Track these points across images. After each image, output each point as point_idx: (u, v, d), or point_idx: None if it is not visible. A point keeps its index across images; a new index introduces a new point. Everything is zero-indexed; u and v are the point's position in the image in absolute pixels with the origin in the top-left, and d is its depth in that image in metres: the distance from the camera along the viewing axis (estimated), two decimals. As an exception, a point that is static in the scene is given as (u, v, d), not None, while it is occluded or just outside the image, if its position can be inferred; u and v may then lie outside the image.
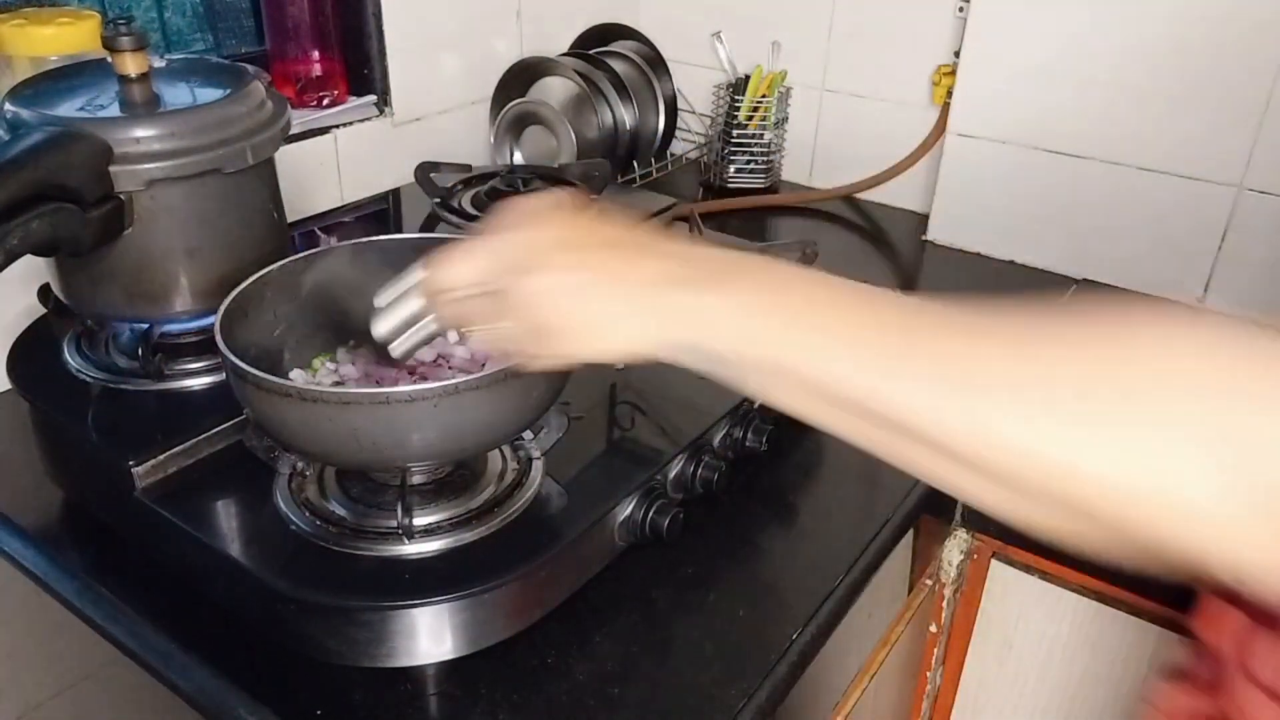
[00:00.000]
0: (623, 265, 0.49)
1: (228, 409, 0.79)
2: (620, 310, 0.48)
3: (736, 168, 1.47)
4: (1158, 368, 0.35)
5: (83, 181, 0.73)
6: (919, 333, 0.42)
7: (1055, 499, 0.38)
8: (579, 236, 0.51)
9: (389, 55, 1.27)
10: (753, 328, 0.45)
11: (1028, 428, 0.38)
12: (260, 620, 0.72)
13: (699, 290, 0.46)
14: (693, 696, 0.69)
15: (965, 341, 0.41)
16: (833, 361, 0.43)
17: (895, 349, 0.42)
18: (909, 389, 0.41)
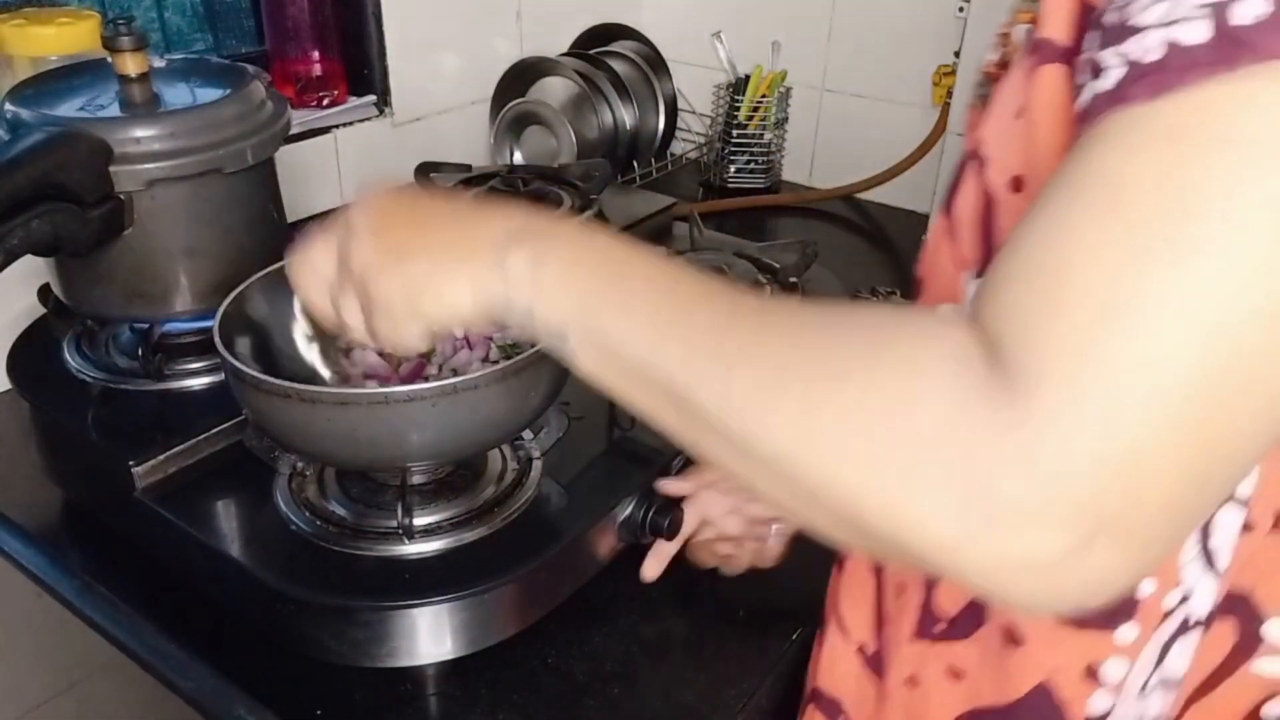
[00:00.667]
0: (439, 231, 0.50)
1: (228, 409, 0.79)
2: (441, 275, 0.49)
3: (736, 168, 1.47)
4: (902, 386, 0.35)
5: (83, 181, 0.73)
6: (706, 308, 0.42)
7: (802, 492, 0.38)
8: (397, 208, 0.52)
9: (389, 55, 1.27)
10: (556, 291, 0.45)
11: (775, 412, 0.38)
12: (260, 620, 0.72)
13: (514, 250, 0.46)
14: (692, 696, 0.69)
15: (750, 323, 0.40)
16: (620, 327, 0.43)
17: (674, 317, 0.42)
18: (678, 357, 0.41)
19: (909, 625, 0.55)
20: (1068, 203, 0.34)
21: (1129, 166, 0.33)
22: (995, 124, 0.48)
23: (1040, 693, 0.49)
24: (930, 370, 0.35)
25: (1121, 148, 0.33)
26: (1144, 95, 0.32)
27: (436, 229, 0.50)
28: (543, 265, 0.46)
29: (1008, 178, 0.46)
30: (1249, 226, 0.30)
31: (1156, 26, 0.32)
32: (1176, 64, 0.32)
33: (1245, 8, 0.30)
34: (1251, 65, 0.30)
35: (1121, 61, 0.33)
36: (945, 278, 0.51)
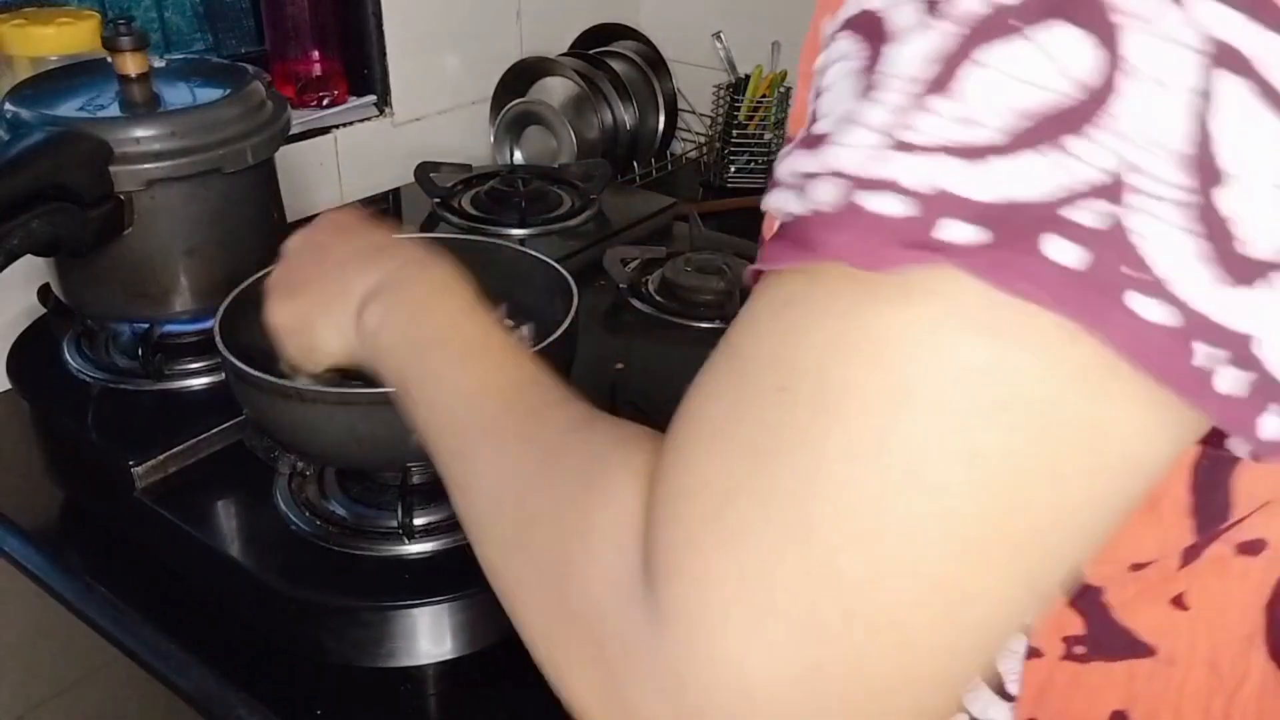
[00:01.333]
0: (329, 274, 0.53)
1: (228, 409, 0.79)
2: (314, 320, 0.52)
3: (736, 168, 1.47)
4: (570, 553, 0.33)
5: (83, 181, 0.73)
6: (478, 410, 0.42)
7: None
8: (308, 244, 0.56)
9: (389, 55, 1.26)
10: (385, 359, 0.48)
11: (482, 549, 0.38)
12: (260, 620, 0.72)
13: (370, 306, 0.49)
14: (693, 696, 0.69)
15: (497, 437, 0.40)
16: (419, 405, 0.44)
17: (448, 417, 0.42)
18: (444, 455, 0.42)
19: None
20: (708, 368, 0.31)
21: (747, 341, 0.30)
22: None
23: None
24: (595, 541, 0.32)
25: (749, 318, 0.30)
26: (762, 259, 0.30)
27: (328, 272, 0.53)
28: (383, 326, 0.48)
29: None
30: (837, 417, 0.27)
31: (782, 184, 0.29)
32: (782, 235, 0.29)
33: (821, 191, 0.27)
34: (816, 263, 0.27)
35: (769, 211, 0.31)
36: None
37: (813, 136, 0.28)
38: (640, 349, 1.00)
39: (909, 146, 0.26)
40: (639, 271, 1.10)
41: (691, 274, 1.05)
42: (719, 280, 1.04)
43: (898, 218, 0.25)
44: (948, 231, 0.25)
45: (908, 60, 0.26)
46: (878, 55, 0.27)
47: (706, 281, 1.04)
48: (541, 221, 1.16)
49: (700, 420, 0.30)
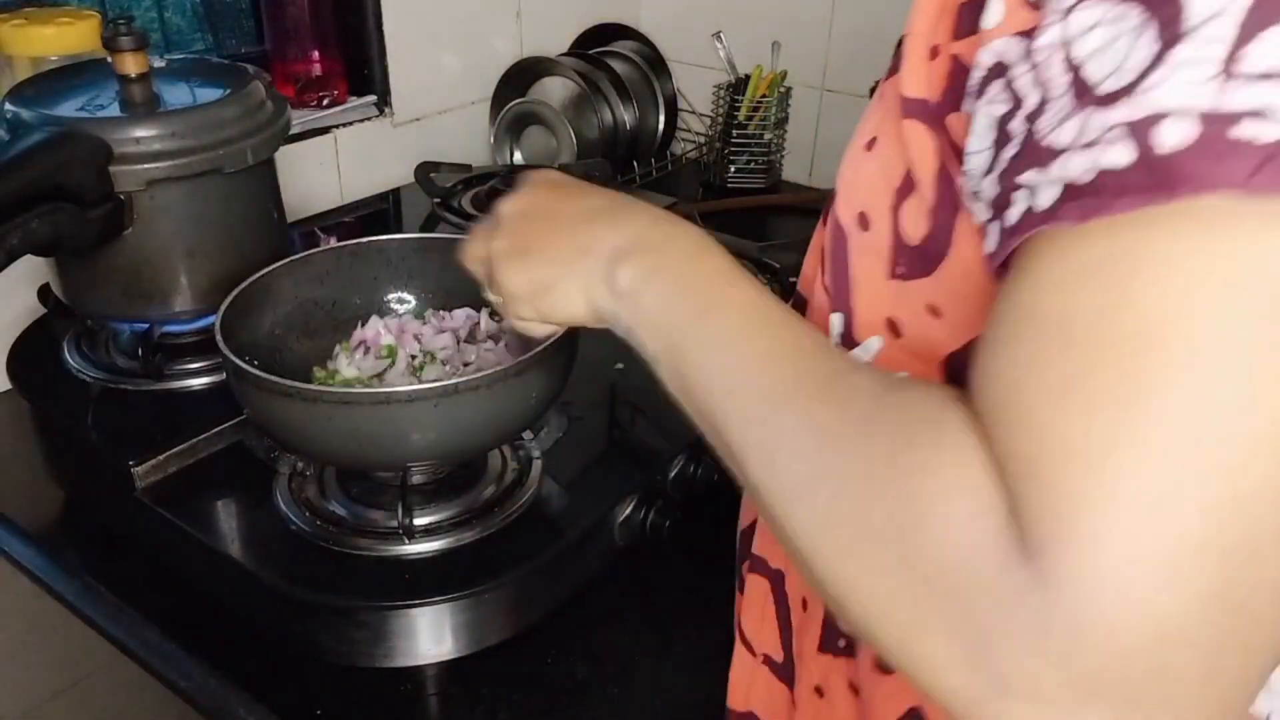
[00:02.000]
0: (566, 232, 0.51)
1: (228, 409, 0.79)
2: (556, 276, 0.51)
3: (736, 168, 1.47)
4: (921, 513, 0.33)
5: (83, 181, 0.73)
6: (773, 373, 0.41)
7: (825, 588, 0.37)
8: (537, 205, 0.54)
9: (389, 55, 1.27)
10: (652, 319, 0.46)
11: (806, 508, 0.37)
12: (260, 620, 0.72)
13: (625, 265, 0.47)
14: (693, 696, 0.69)
15: (805, 400, 0.39)
16: (697, 371, 0.43)
17: (743, 377, 0.41)
18: (737, 420, 0.41)
19: (814, 638, 0.54)
20: (1018, 340, 0.32)
21: (1067, 300, 0.31)
22: (849, 152, 0.46)
23: (910, 718, 0.48)
24: (948, 501, 0.32)
25: (1054, 280, 0.31)
26: (1075, 216, 0.30)
27: (563, 230, 0.51)
28: (646, 286, 0.46)
29: (855, 213, 0.46)
30: (1215, 347, 0.28)
31: (1076, 149, 0.30)
32: (1109, 188, 0.29)
33: (1169, 131, 0.28)
34: (1188, 198, 0.28)
35: (1055, 183, 0.31)
36: (821, 307, 0.50)
37: (1108, 95, 0.29)
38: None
39: (1254, 76, 0.27)
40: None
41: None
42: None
43: (1273, 141, 0.27)
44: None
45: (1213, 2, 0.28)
46: (1169, 6, 0.28)
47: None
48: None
49: (1032, 388, 0.31)
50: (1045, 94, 0.32)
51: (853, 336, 0.47)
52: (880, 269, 0.45)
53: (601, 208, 0.51)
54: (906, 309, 0.44)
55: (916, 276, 0.43)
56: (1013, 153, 0.34)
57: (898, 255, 0.44)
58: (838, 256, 0.47)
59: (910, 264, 0.43)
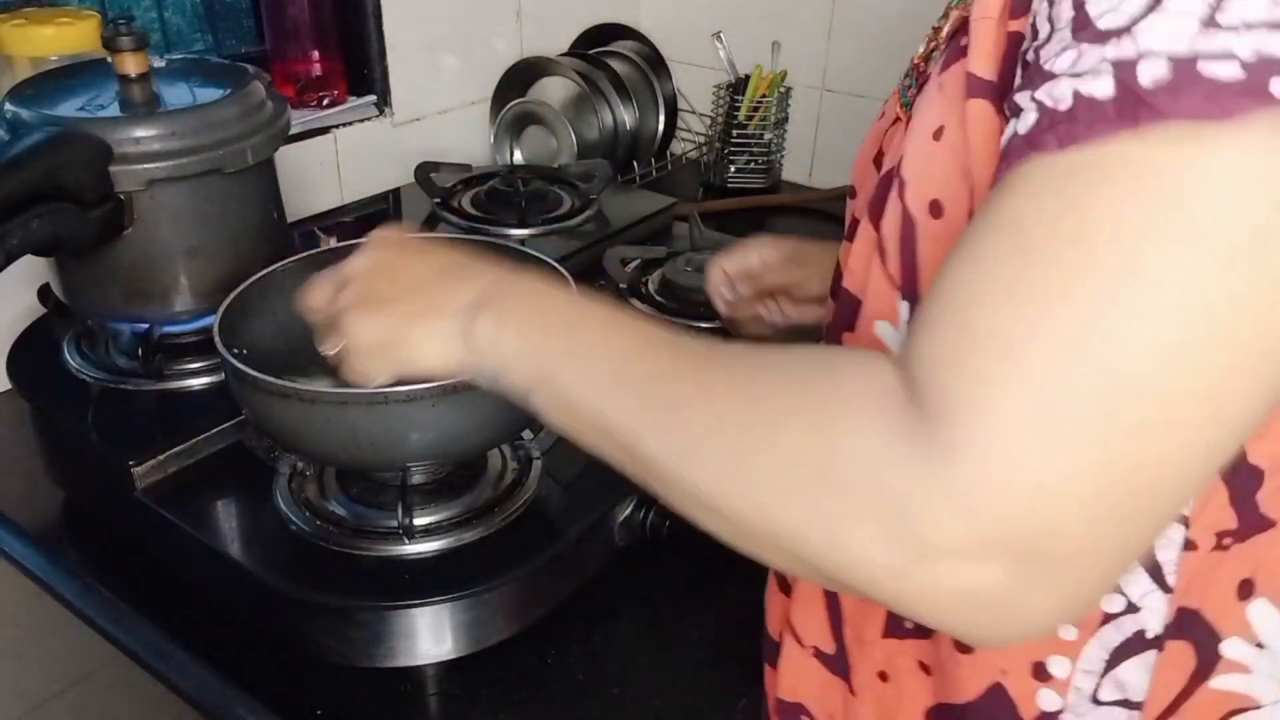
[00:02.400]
0: (416, 290, 0.54)
1: (228, 409, 0.79)
2: (410, 334, 0.54)
3: (736, 168, 1.47)
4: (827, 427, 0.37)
5: (83, 181, 0.73)
6: (651, 359, 0.44)
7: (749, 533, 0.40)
8: (385, 264, 0.57)
9: (389, 55, 1.27)
10: (516, 354, 0.49)
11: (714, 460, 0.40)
12: (260, 620, 0.72)
13: (479, 317, 0.50)
14: (693, 696, 0.69)
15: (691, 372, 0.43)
16: (575, 383, 0.46)
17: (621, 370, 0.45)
18: (626, 409, 0.44)
19: (877, 625, 0.56)
20: (979, 247, 0.36)
21: (1029, 210, 0.34)
22: (913, 143, 0.48)
23: (995, 692, 0.50)
24: (853, 409, 0.37)
25: (1026, 193, 0.34)
26: (1053, 145, 0.34)
27: (415, 287, 0.54)
28: (503, 330, 0.50)
29: (926, 201, 0.47)
30: (1137, 257, 0.32)
31: (1066, 75, 0.34)
32: (1084, 116, 0.33)
33: (1147, 70, 0.32)
34: (1150, 124, 0.32)
35: (1035, 106, 0.35)
36: (880, 297, 0.51)
37: (1104, 31, 0.33)
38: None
39: (1228, 27, 0.31)
40: (639, 271, 1.10)
41: (691, 274, 1.05)
42: (719, 280, 1.04)
43: (1237, 80, 0.31)
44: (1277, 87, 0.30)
45: None
46: None
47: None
48: (541, 221, 1.16)
49: (978, 286, 0.35)
50: (1053, 27, 0.35)
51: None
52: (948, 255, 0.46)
53: (448, 266, 0.55)
54: None
55: None
56: (1018, 81, 0.37)
57: None
58: (906, 245, 0.49)
59: None
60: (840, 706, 0.60)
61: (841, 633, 0.59)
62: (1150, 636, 0.46)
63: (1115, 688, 0.48)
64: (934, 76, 0.47)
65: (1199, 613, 0.45)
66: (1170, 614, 0.45)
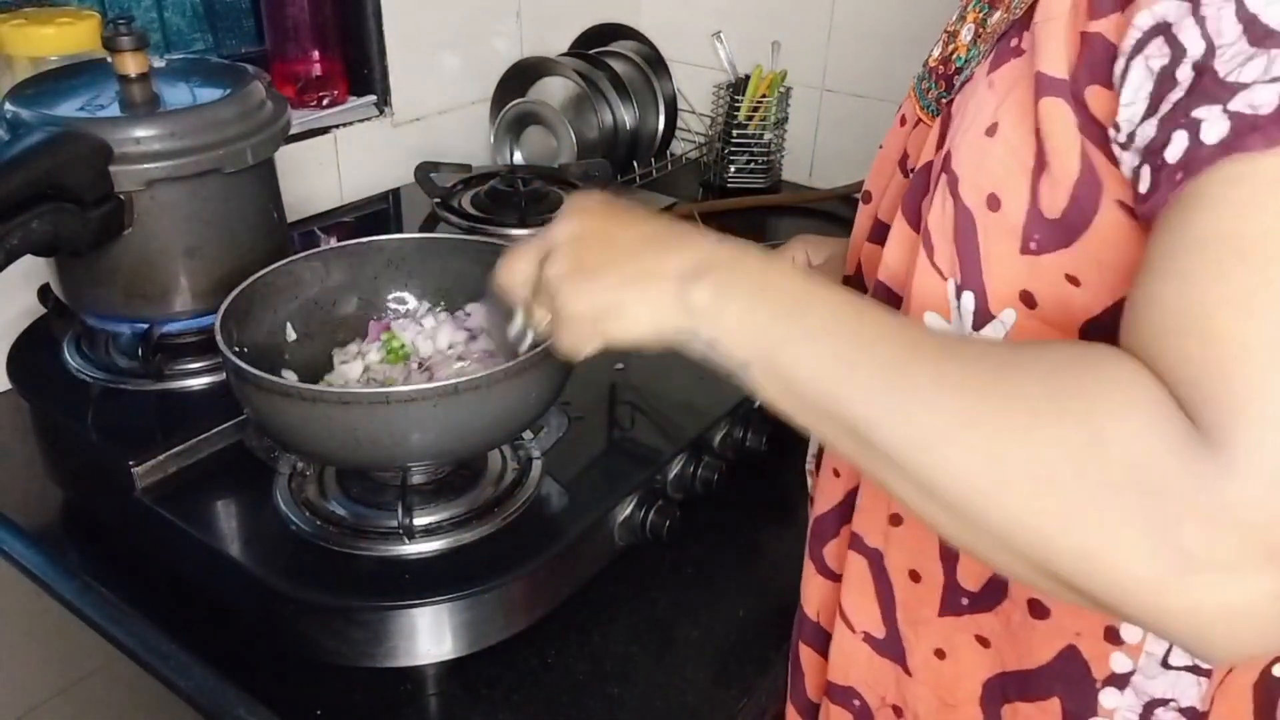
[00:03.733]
0: (628, 256, 0.51)
1: (228, 409, 0.79)
2: (624, 300, 0.50)
3: (736, 168, 1.47)
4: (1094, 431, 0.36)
5: (83, 181, 0.73)
6: (887, 345, 0.43)
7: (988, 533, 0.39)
8: (592, 230, 0.53)
9: (389, 55, 1.27)
10: (739, 326, 0.47)
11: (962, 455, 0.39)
12: (260, 620, 0.72)
13: (698, 284, 0.48)
14: (693, 696, 0.69)
15: (932, 363, 0.41)
16: (803, 363, 0.44)
17: (856, 354, 0.43)
18: (864, 396, 0.42)
19: (933, 604, 0.57)
20: (1191, 262, 0.36)
21: (1245, 221, 0.34)
22: (965, 139, 0.49)
23: (1067, 655, 0.52)
24: (1121, 416, 0.36)
25: (1234, 204, 0.35)
26: (1260, 144, 0.34)
27: (627, 252, 0.52)
28: (726, 300, 0.47)
29: (983, 196, 0.48)
30: None
31: (1261, 82, 0.34)
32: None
33: None
34: None
35: (1228, 115, 0.35)
36: (928, 290, 0.52)
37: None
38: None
39: None
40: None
41: (691, 274, 1.05)
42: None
43: None
44: None
45: None
46: None
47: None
48: (541, 221, 1.16)
49: (1212, 301, 0.35)
50: (1212, 42, 0.36)
51: (987, 310, 0.49)
52: (1013, 245, 0.47)
53: (658, 232, 0.52)
54: (1042, 280, 0.47)
55: (1053, 249, 0.46)
56: (1179, 95, 0.37)
57: (1032, 230, 0.46)
58: (966, 238, 0.49)
59: (1046, 237, 0.46)
60: (893, 688, 0.62)
61: (894, 617, 0.60)
62: None
63: (1186, 654, 0.49)
64: (980, 76, 0.48)
65: None
66: None
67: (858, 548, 0.61)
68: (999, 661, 0.55)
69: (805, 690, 0.69)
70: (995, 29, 0.50)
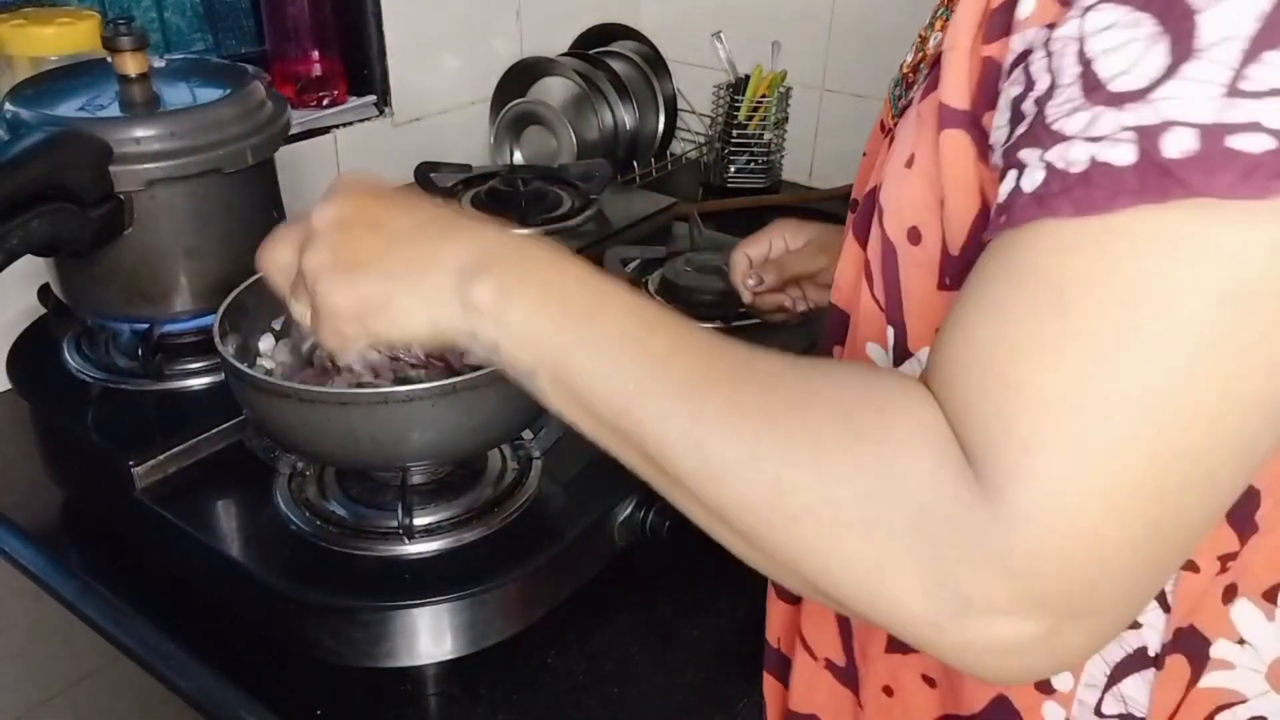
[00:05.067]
0: (398, 245, 0.47)
1: (228, 409, 0.79)
2: (392, 293, 0.46)
3: (736, 168, 1.47)
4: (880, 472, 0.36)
5: (83, 181, 0.73)
6: (682, 363, 0.41)
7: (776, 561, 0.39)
8: (359, 213, 0.48)
9: (389, 55, 1.26)
10: (522, 329, 0.44)
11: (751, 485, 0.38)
12: (260, 620, 0.72)
13: (479, 280, 0.45)
14: (693, 696, 0.69)
15: (726, 386, 0.40)
16: (591, 377, 0.42)
17: (648, 372, 0.41)
18: (654, 417, 0.40)
19: (880, 640, 0.56)
20: (1004, 300, 0.35)
21: (1065, 267, 0.33)
22: (890, 170, 0.47)
23: (999, 703, 0.50)
24: (908, 456, 0.36)
25: (1056, 249, 0.34)
26: (1068, 210, 0.33)
27: (397, 244, 0.47)
28: (509, 300, 0.44)
29: (904, 229, 0.46)
30: (1187, 322, 0.31)
31: (1080, 139, 0.33)
32: (1103, 184, 0.32)
33: (1173, 141, 0.31)
34: (1180, 200, 0.31)
35: (1044, 166, 0.33)
36: (870, 319, 0.51)
37: (1118, 94, 0.32)
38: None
39: (1253, 94, 0.30)
40: (639, 271, 1.10)
41: (691, 274, 1.05)
42: (719, 280, 1.04)
43: (1268, 152, 0.30)
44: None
45: (1232, 21, 0.30)
46: (1184, 18, 0.31)
47: (706, 281, 1.04)
48: (541, 221, 1.16)
49: (1020, 344, 0.34)
50: (1055, 80, 0.34)
51: (906, 347, 0.48)
52: (930, 281, 0.46)
53: (432, 219, 0.48)
54: None
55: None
56: (1020, 129, 0.36)
57: (945, 266, 0.45)
58: (888, 271, 0.48)
59: (956, 274, 0.44)
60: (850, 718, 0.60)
61: (851, 645, 0.59)
62: (1151, 654, 0.47)
63: (1118, 701, 0.48)
64: (914, 104, 0.47)
65: (1193, 626, 0.46)
66: (1169, 632, 0.46)
67: None
68: (943, 703, 0.54)
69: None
70: (936, 51, 0.47)
